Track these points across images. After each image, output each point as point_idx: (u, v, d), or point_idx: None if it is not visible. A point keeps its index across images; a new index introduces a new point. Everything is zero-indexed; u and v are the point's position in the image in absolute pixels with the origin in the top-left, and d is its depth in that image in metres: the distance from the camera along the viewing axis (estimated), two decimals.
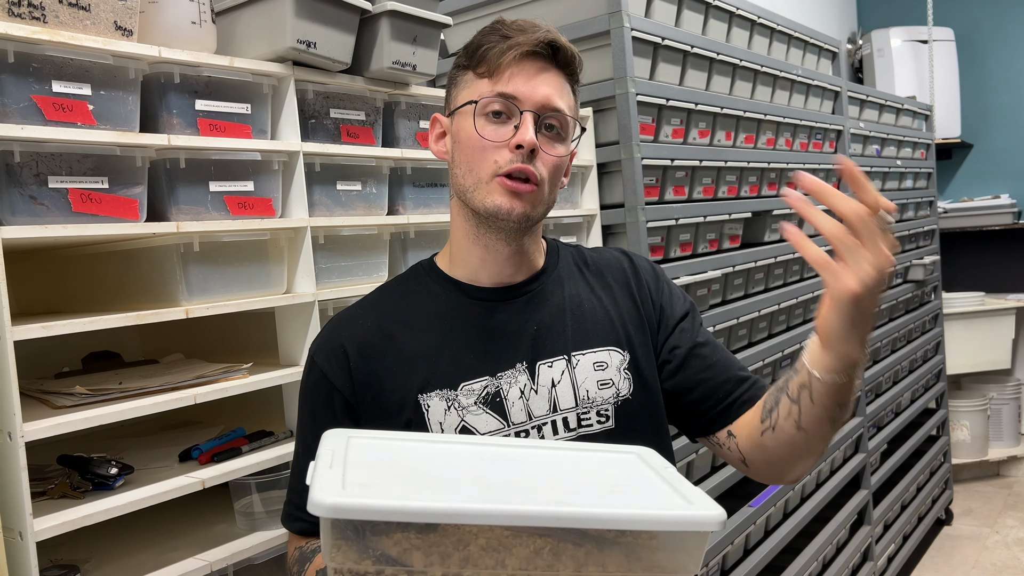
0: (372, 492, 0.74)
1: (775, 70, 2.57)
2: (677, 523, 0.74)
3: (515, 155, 1.02)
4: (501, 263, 1.09)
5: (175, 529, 1.32)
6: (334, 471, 0.77)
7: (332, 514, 0.69)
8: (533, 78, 1.03)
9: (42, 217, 1.07)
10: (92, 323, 1.10)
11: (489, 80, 1.04)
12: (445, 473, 0.83)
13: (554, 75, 1.05)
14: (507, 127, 1.03)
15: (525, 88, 1.02)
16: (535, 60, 1.04)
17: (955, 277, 4.59)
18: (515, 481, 0.83)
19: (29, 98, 1.06)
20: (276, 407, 1.44)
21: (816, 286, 2.70)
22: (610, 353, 1.10)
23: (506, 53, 1.02)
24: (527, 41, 1.02)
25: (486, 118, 1.03)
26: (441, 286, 1.12)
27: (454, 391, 1.05)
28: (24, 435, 1.00)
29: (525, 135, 1.01)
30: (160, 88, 1.21)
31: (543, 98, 1.03)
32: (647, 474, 0.88)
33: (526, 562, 0.74)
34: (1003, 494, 4.11)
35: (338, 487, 0.72)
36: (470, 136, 1.04)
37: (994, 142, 4.80)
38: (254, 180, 1.31)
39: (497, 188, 1.02)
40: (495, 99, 1.02)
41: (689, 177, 2.16)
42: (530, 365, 1.07)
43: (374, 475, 0.79)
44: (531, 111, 1.02)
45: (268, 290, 1.35)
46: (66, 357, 1.51)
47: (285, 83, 1.35)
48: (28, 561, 0.99)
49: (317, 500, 0.69)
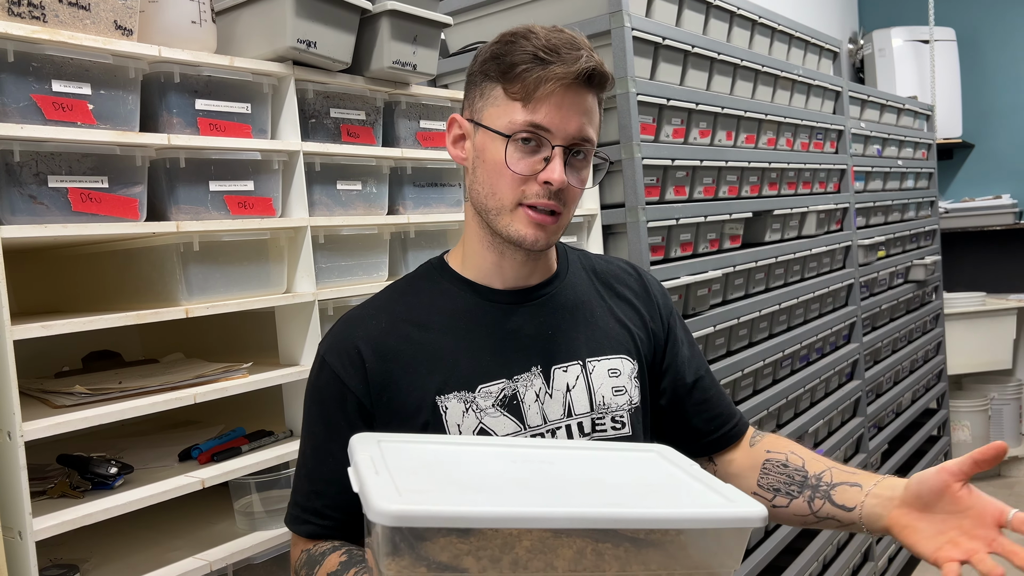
0: (429, 498, 0.72)
1: (776, 70, 2.57)
2: (723, 521, 0.76)
3: (542, 189, 1.00)
4: (516, 269, 1.09)
5: (175, 529, 1.32)
6: (382, 478, 0.75)
7: (398, 522, 0.67)
8: (568, 109, 1.00)
9: (42, 216, 1.07)
10: (92, 322, 1.10)
11: (522, 106, 1.00)
12: (485, 477, 0.82)
13: (590, 99, 1.02)
14: (536, 157, 1.01)
15: (559, 120, 1.00)
16: (574, 90, 1.00)
17: (956, 277, 4.59)
18: (554, 483, 0.83)
19: (29, 97, 1.06)
20: (276, 407, 1.44)
21: (817, 286, 2.70)
22: (622, 361, 1.11)
23: (545, 83, 0.98)
24: (568, 73, 0.98)
25: (516, 145, 1.01)
26: (455, 286, 1.11)
27: (472, 393, 1.04)
28: (24, 434, 1.00)
29: (554, 174, 0.99)
30: (160, 87, 1.21)
31: (576, 130, 1.01)
32: (675, 472, 0.89)
33: (573, 563, 0.74)
34: (1004, 494, 4.11)
35: (395, 494, 0.71)
36: (497, 162, 1.01)
37: (995, 142, 4.80)
38: (254, 180, 1.31)
39: (522, 218, 1.02)
40: (527, 130, 1.00)
41: (690, 177, 2.15)
42: (545, 369, 1.07)
43: (421, 480, 0.78)
44: (562, 145, 1.00)
45: (268, 290, 1.35)
46: (66, 357, 1.51)
47: (285, 83, 1.35)
48: (28, 560, 0.99)
49: (380, 508, 0.67)
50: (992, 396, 4.31)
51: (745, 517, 0.75)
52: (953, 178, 4.95)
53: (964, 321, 4.23)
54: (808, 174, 2.78)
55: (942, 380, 3.97)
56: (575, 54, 0.99)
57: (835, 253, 2.94)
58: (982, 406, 4.23)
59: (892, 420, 3.34)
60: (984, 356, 4.29)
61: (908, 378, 3.53)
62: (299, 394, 1.39)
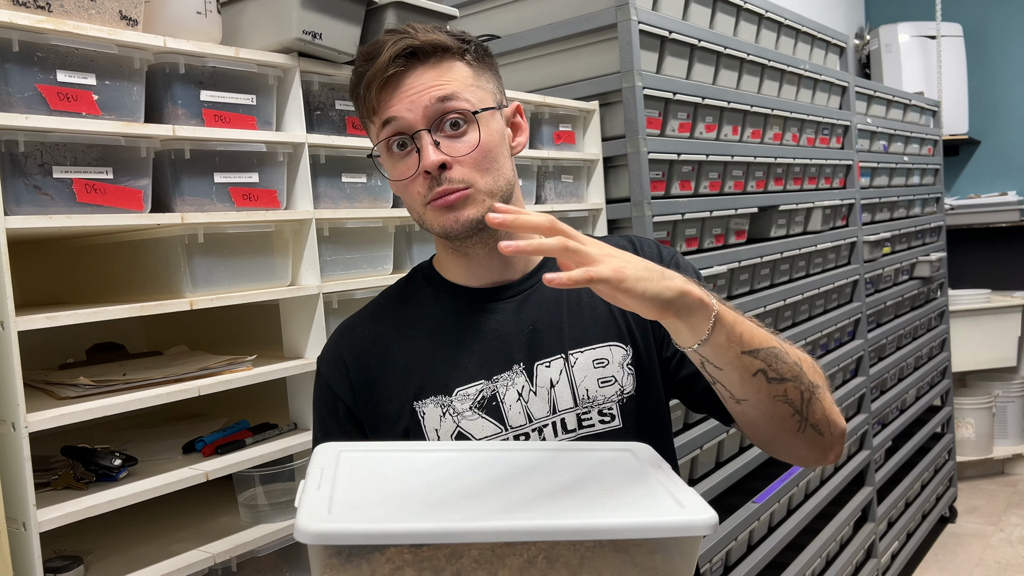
0: (359, 515, 0.73)
1: (783, 64, 2.56)
2: (668, 529, 0.74)
3: (429, 180, 0.99)
4: (487, 265, 1.07)
5: (179, 521, 1.32)
6: (321, 492, 0.77)
7: (317, 541, 0.69)
8: (405, 94, 0.99)
9: (47, 207, 1.07)
10: (96, 314, 1.09)
11: (371, 120, 1.03)
12: (436, 486, 0.82)
13: (427, 71, 1.00)
14: (412, 156, 1.00)
15: (402, 107, 0.99)
16: (399, 77, 1.00)
17: (961, 274, 4.57)
18: (507, 490, 0.82)
19: (34, 87, 1.05)
20: (280, 399, 1.44)
21: (822, 282, 2.69)
22: (611, 349, 1.06)
23: (368, 91, 1.00)
24: (379, 68, 0.99)
25: (392, 156, 1.02)
26: (435, 289, 1.11)
27: (448, 397, 1.03)
28: (28, 426, 1.00)
29: (426, 160, 0.98)
30: (165, 78, 1.20)
31: (424, 107, 0.99)
32: (641, 474, 0.86)
33: (519, 572, 0.73)
34: (1007, 492, 4.10)
35: (324, 511, 0.72)
36: (390, 180, 1.05)
37: (1002, 139, 4.78)
38: (259, 172, 1.31)
39: (432, 214, 1.01)
40: (387, 136, 1.01)
41: (695, 172, 2.15)
42: (528, 366, 1.04)
43: (364, 493, 0.79)
44: (423, 128, 0.99)
45: (273, 282, 1.34)
46: (70, 348, 1.51)
47: (290, 74, 1.34)
48: (32, 552, 0.99)
49: (302, 527, 0.69)
50: (996, 393, 4.30)
51: (691, 525, 0.73)
52: (959, 175, 4.94)
53: (969, 318, 4.22)
54: (814, 169, 2.77)
55: (946, 377, 3.96)
56: (380, 48, 1.00)
57: (840, 249, 2.93)
58: (986, 403, 4.22)
59: (896, 417, 3.34)
60: (989, 353, 4.28)
61: (912, 375, 3.52)
62: (303, 387, 1.38)
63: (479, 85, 1.03)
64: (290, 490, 1.31)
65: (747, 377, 0.89)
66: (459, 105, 1.00)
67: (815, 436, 0.96)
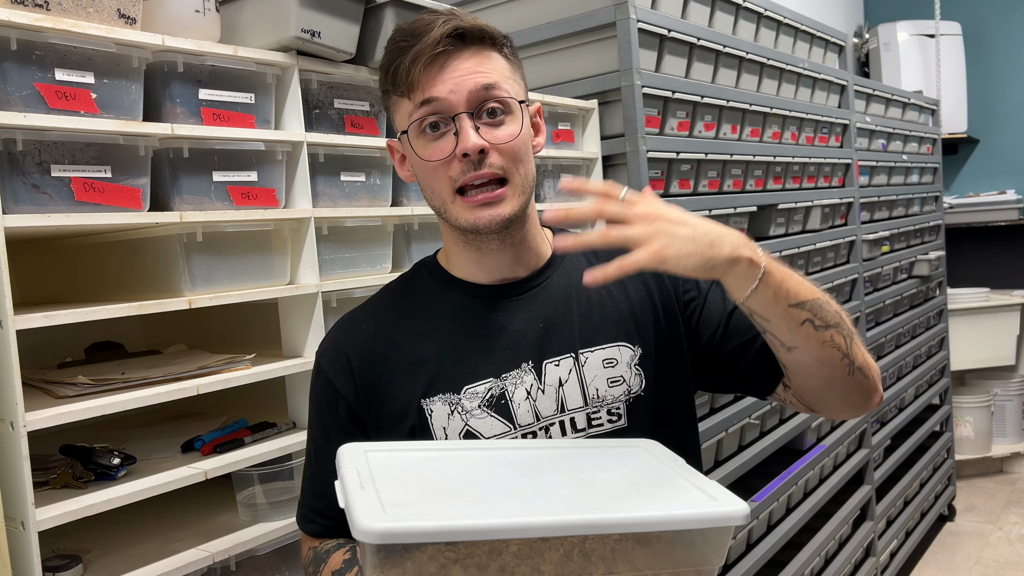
0: (413, 513, 0.72)
1: (781, 63, 2.56)
2: (707, 521, 0.76)
3: (465, 164, 0.97)
4: (498, 261, 1.06)
5: (177, 520, 1.32)
6: (368, 492, 0.75)
7: (383, 540, 0.67)
8: (449, 75, 0.98)
9: (45, 206, 1.07)
10: (95, 313, 1.09)
11: (409, 98, 1.00)
12: (470, 484, 0.82)
13: (471, 56, 0.99)
14: (447, 138, 0.98)
15: (444, 87, 0.97)
16: (444, 57, 0.98)
17: (960, 273, 4.58)
18: (539, 487, 0.82)
19: (32, 86, 1.05)
20: (279, 398, 1.44)
21: (821, 281, 2.69)
22: (620, 349, 1.06)
23: (413, 66, 0.97)
24: (428, 44, 0.97)
25: (424, 137, 1.00)
26: (442, 285, 1.09)
27: (457, 395, 1.02)
28: (26, 424, 1.00)
29: (467, 142, 0.96)
30: (163, 77, 1.20)
31: (469, 90, 0.97)
32: (661, 469, 0.88)
33: (559, 566, 0.74)
34: (1006, 490, 4.11)
35: (379, 510, 0.71)
36: (420, 163, 1.01)
37: (1000, 137, 4.78)
38: (258, 170, 1.31)
39: (463, 206, 0.99)
40: (422, 115, 0.99)
41: (695, 170, 2.14)
42: (536, 364, 1.04)
43: (407, 492, 0.78)
44: (464, 111, 0.97)
45: (271, 281, 1.34)
46: (69, 347, 1.51)
47: (289, 73, 1.34)
48: (30, 551, 0.99)
49: (364, 527, 0.67)
50: (995, 392, 4.30)
51: (727, 516, 0.75)
52: (958, 173, 4.94)
53: (968, 317, 4.22)
54: (813, 168, 2.77)
55: (945, 376, 3.96)
56: (430, 26, 0.98)
57: (839, 248, 2.93)
58: (985, 402, 4.22)
59: (895, 415, 3.34)
60: (987, 352, 4.28)
61: (911, 374, 3.52)
62: (302, 386, 1.38)
63: (515, 79, 1.03)
64: (289, 489, 1.31)
65: (795, 327, 0.94)
66: (501, 94, 0.99)
67: (862, 379, 1.01)
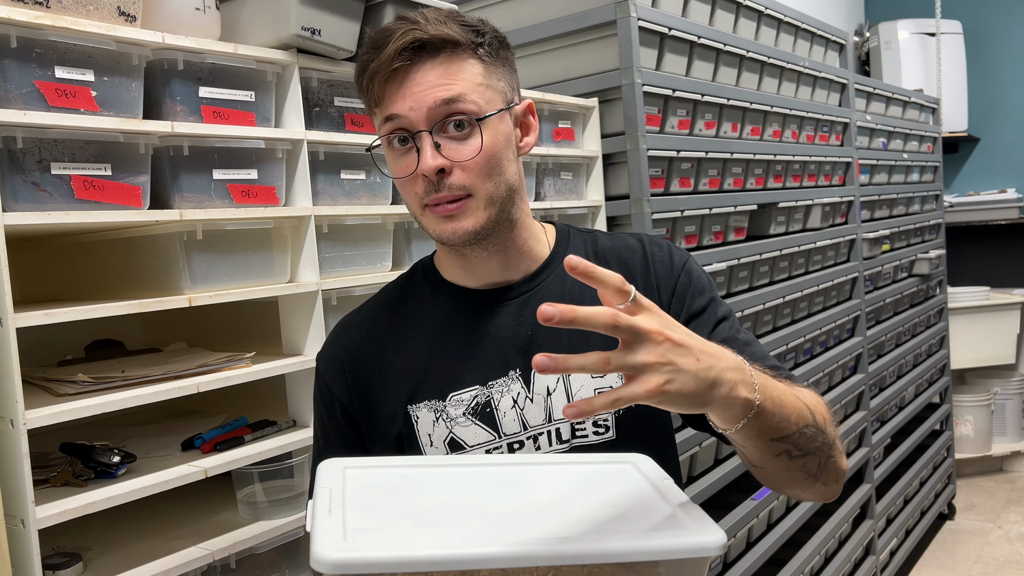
0: (375, 541, 0.72)
1: (782, 61, 2.56)
2: (680, 552, 0.74)
3: (427, 183, 0.95)
4: (485, 267, 1.04)
5: (178, 518, 1.32)
6: (333, 517, 0.75)
7: (337, 571, 0.67)
8: (409, 91, 0.94)
9: (45, 204, 1.07)
10: (95, 311, 1.09)
11: (376, 109, 0.98)
12: (446, 505, 0.82)
13: (434, 67, 0.95)
14: (412, 154, 0.96)
15: (405, 104, 0.94)
16: (404, 71, 0.94)
17: (960, 272, 4.58)
18: (517, 508, 0.81)
19: (32, 84, 1.05)
20: (279, 396, 1.44)
21: (821, 279, 2.69)
22: None
23: (372, 84, 0.96)
24: (384, 61, 0.93)
25: (393, 151, 0.98)
26: (435, 290, 1.08)
27: (443, 401, 1.01)
28: (26, 422, 1.00)
29: (425, 163, 0.94)
30: (163, 75, 1.20)
31: (428, 107, 0.94)
32: (645, 490, 0.86)
33: None
34: (1006, 489, 4.11)
35: (339, 538, 0.71)
36: (391, 174, 1.00)
37: (1001, 136, 4.78)
38: (258, 168, 1.30)
39: (431, 218, 0.98)
40: (388, 130, 0.96)
41: (695, 169, 2.14)
42: (524, 372, 1.01)
43: (375, 516, 0.78)
44: (424, 129, 0.94)
45: (271, 279, 1.34)
46: (69, 345, 1.51)
47: (289, 70, 1.34)
48: (30, 548, 0.99)
49: (320, 556, 0.68)
50: (995, 391, 4.30)
51: (700, 547, 0.74)
52: (958, 172, 4.94)
53: (968, 316, 4.22)
54: (813, 167, 2.76)
55: (945, 374, 3.96)
56: (391, 37, 0.94)
57: (839, 246, 2.93)
58: (985, 400, 4.22)
59: (895, 414, 3.34)
60: (988, 351, 4.28)
61: (911, 372, 3.52)
62: (302, 384, 1.38)
63: (489, 84, 0.98)
64: (289, 487, 1.31)
65: (769, 456, 0.88)
66: (464, 107, 0.95)
67: (822, 487, 0.96)
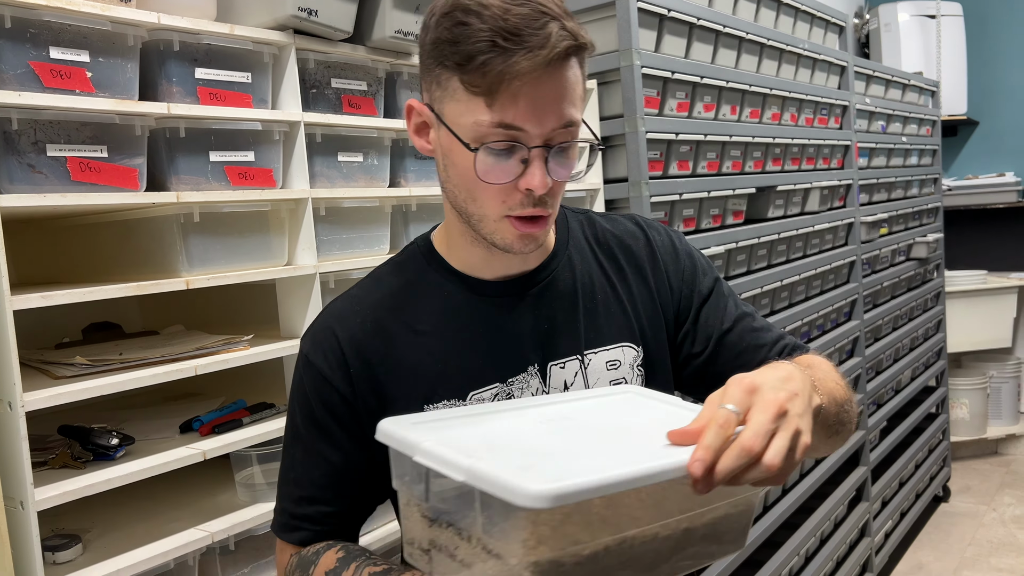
0: (553, 471, 0.66)
1: (781, 43, 2.54)
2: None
3: (526, 197, 0.88)
4: (507, 261, 0.98)
5: (176, 500, 1.33)
6: (493, 460, 0.69)
7: (557, 503, 0.62)
8: (542, 100, 0.84)
9: (41, 186, 1.06)
10: (92, 293, 1.09)
11: (487, 103, 0.84)
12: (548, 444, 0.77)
13: (564, 75, 0.85)
14: (512, 160, 0.86)
15: (533, 117, 0.84)
16: (548, 74, 0.84)
17: (958, 255, 4.58)
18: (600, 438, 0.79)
19: (26, 64, 1.04)
20: (277, 379, 1.44)
21: (819, 263, 2.69)
22: (624, 350, 1.02)
23: (511, 80, 0.82)
24: (537, 64, 0.82)
25: (487, 152, 0.86)
26: (443, 278, 0.99)
27: (462, 401, 0.96)
28: (24, 404, 1.00)
29: (540, 182, 0.86)
30: (159, 56, 1.19)
31: (555, 122, 0.86)
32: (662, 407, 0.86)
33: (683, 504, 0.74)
34: (1000, 472, 4.13)
35: (521, 475, 0.65)
36: (468, 170, 0.87)
37: (1000, 120, 4.76)
38: (255, 150, 1.30)
39: (508, 228, 0.90)
40: (497, 137, 0.85)
41: (693, 151, 2.14)
42: (541, 367, 0.98)
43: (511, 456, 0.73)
44: (541, 146, 0.86)
45: (269, 262, 1.34)
46: (66, 328, 1.51)
47: (286, 52, 1.33)
48: (30, 530, 1.00)
49: (535, 492, 0.61)
50: (991, 374, 4.31)
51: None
52: (957, 155, 4.93)
53: (965, 299, 4.23)
54: (812, 150, 2.76)
55: (942, 358, 3.98)
56: (542, 34, 0.82)
57: (838, 230, 2.93)
58: (981, 384, 4.24)
59: (891, 397, 3.35)
60: (984, 334, 4.29)
61: (908, 356, 3.53)
62: None
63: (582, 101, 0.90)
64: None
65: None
66: (577, 132, 0.89)
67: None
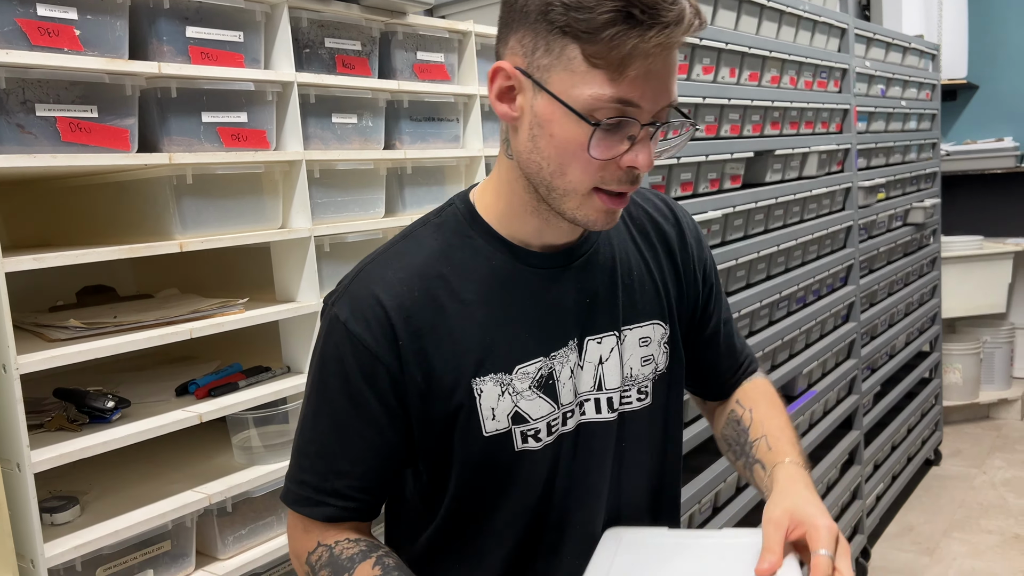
0: None
1: (781, 5, 2.51)
2: None
3: (624, 173, 0.86)
4: (557, 232, 0.96)
5: (173, 463, 1.33)
6: None
7: None
8: (659, 75, 0.82)
9: (30, 146, 1.05)
10: (85, 255, 1.08)
11: (608, 76, 0.80)
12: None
13: (672, 55, 0.83)
14: (619, 135, 0.83)
15: (651, 94, 0.82)
16: (656, 56, 0.81)
17: (955, 221, 4.57)
18: None
19: (13, 22, 1.02)
20: (273, 343, 1.44)
21: (816, 228, 2.68)
22: (654, 327, 1.03)
23: (644, 57, 0.80)
24: (672, 40, 0.79)
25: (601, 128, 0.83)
26: (489, 244, 0.95)
27: (509, 375, 0.94)
28: (19, 367, 0.99)
29: (648, 160, 0.84)
30: (149, 13, 1.17)
31: (663, 107, 0.84)
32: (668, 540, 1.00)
33: None
34: (991, 436, 4.17)
35: None
36: (570, 143, 0.84)
37: (1000, 84, 4.73)
38: (247, 111, 1.28)
39: (595, 203, 0.88)
40: (613, 112, 0.82)
41: (691, 115, 2.12)
42: (580, 341, 0.98)
43: None
44: (651, 123, 0.84)
45: (263, 224, 1.33)
46: (59, 291, 1.50)
47: (278, 10, 1.31)
48: (27, 492, 1.00)
49: None
50: (985, 339, 4.33)
51: None
52: (956, 120, 4.90)
53: (960, 265, 4.23)
54: (811, 114, 2.73)
55: (936, 323, 3.99)
56: (676, 9, 0.79)
57: (835, 195, 2.91)
58: (974, 349, 4.26)
59: (885, 362, 3.37)
60: (979, 300, 4.30)
61: (903, 321, 3.54)
62: (295, 330, 1.38)
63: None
64: (284, 432, 1.32)
65: None
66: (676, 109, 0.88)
67: None
